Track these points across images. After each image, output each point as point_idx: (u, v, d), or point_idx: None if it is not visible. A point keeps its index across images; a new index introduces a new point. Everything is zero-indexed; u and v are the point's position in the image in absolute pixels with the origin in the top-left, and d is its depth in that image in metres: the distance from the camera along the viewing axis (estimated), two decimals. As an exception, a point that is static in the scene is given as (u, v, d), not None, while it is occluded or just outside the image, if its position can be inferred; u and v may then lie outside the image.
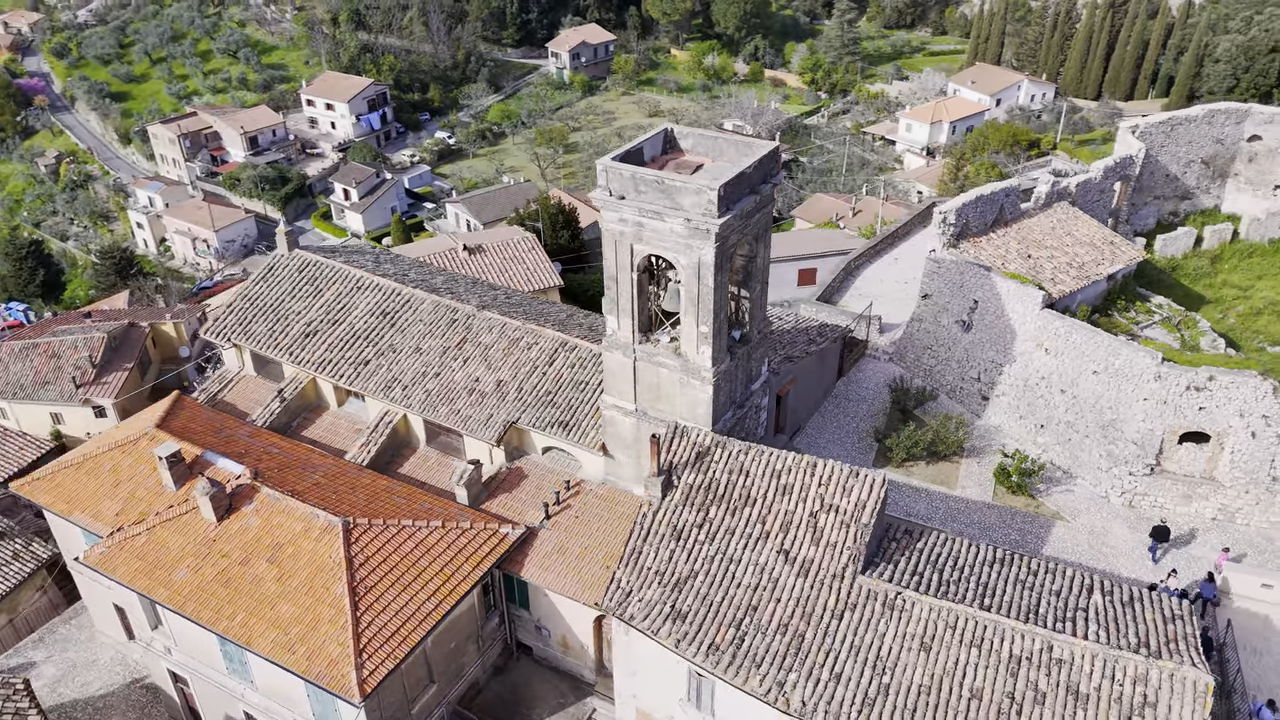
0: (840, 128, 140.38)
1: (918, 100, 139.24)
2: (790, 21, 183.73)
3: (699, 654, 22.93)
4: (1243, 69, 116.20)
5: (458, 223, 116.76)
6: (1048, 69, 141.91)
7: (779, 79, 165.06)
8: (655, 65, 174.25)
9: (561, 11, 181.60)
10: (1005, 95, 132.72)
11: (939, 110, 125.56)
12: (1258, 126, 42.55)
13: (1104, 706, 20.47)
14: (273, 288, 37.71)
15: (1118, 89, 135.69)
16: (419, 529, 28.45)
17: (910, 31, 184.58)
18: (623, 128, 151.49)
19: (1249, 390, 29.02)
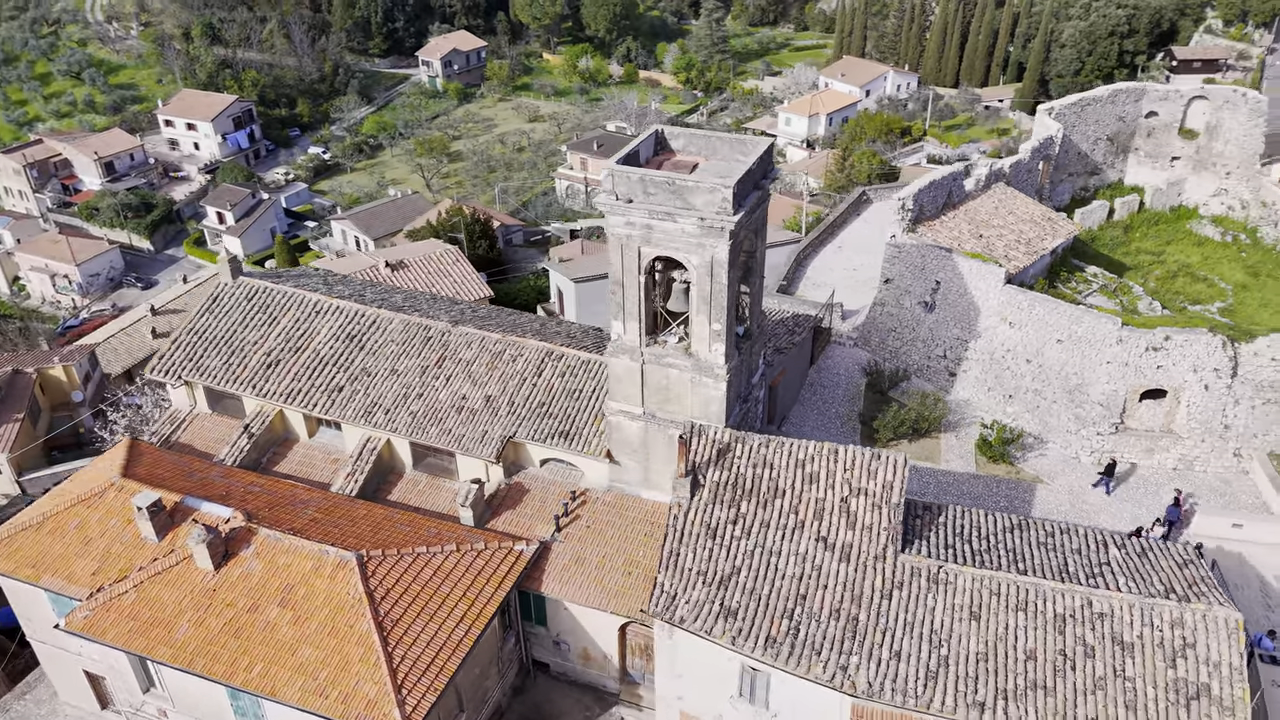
0: (721, 125, 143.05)
1: (792, 95, 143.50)
2: (659, 22, 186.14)
3: (757, 648, 23.13)
4: (1086, 53, 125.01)
5: (344, 240, 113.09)
6: (909, 60, 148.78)
7: (654, 79, 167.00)
8: (529, 70, 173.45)
9: (428, 19, 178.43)
10: (874, 86, 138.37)
11: (815, 103, 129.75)
12: (1154, 103, 45.99)
13: (1149, 653, 21.81)
14: (221, 319, 35.70)
15: (973, 76, 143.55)
16: (434, 555, 27.57)
17: (774, 28, 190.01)
18: (504, 134, 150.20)
19: (1201, 347, 31.45)
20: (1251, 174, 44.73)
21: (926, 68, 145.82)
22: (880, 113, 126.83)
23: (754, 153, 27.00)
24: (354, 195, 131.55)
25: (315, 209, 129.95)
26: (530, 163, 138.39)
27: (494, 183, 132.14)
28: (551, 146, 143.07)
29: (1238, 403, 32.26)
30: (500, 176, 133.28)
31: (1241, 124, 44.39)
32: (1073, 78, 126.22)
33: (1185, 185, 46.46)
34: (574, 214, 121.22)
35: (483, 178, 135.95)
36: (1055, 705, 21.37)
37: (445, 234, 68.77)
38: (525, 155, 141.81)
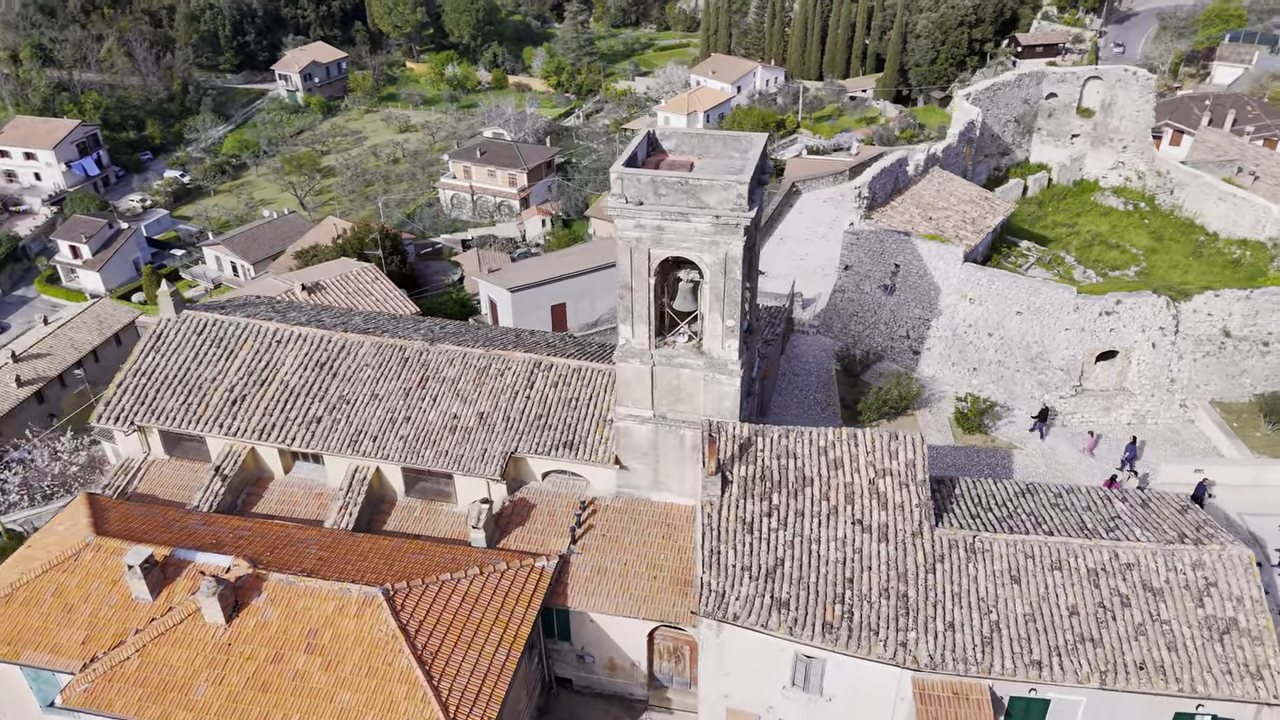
0: (599, 126, 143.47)
1: (666, 94, 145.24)
2: (522, 27, 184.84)
3: (815, 636, 23.48)
4: (940, 42, 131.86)
5: (219, 266, 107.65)
6: (774, 55, 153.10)
7: (524, 84, 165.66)
8: (394, 80, 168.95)
9: (281, 32, 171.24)
10: (744, 82, 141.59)
11: (692, 101, 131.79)
12: (1053, 85, 49.12)
13: (1177, 595, 23.39)
14: (169, 357, 33.43)
15: (836, 68, 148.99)
16: (459, 581, 26.71)
17: (637, 29, 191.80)
18: (376, 146, 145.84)
19: (1148, 308, 33.88)
20: (1145, 147, 48.48)
21: (791, 62, 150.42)
22: (754, 108, 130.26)
23: (751, 148, 27.36)
24: (222, 219, 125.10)
25: (181, 236, 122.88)
26: (409, 174, 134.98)
27: (372, 196, 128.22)
28: (428, 156, 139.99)
29: (1181, 358, 34.97)
30: (379, 190, 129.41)
31: (1134, 101, 48.02)
32: (929, 66, 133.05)
33: (1086, 160, 49.88)
34: (463, 224, 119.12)
35: (360, 192, 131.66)
36: (1105, 655, 22.63)
37: (354, 252, 66.29)
38: (402, 167, 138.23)
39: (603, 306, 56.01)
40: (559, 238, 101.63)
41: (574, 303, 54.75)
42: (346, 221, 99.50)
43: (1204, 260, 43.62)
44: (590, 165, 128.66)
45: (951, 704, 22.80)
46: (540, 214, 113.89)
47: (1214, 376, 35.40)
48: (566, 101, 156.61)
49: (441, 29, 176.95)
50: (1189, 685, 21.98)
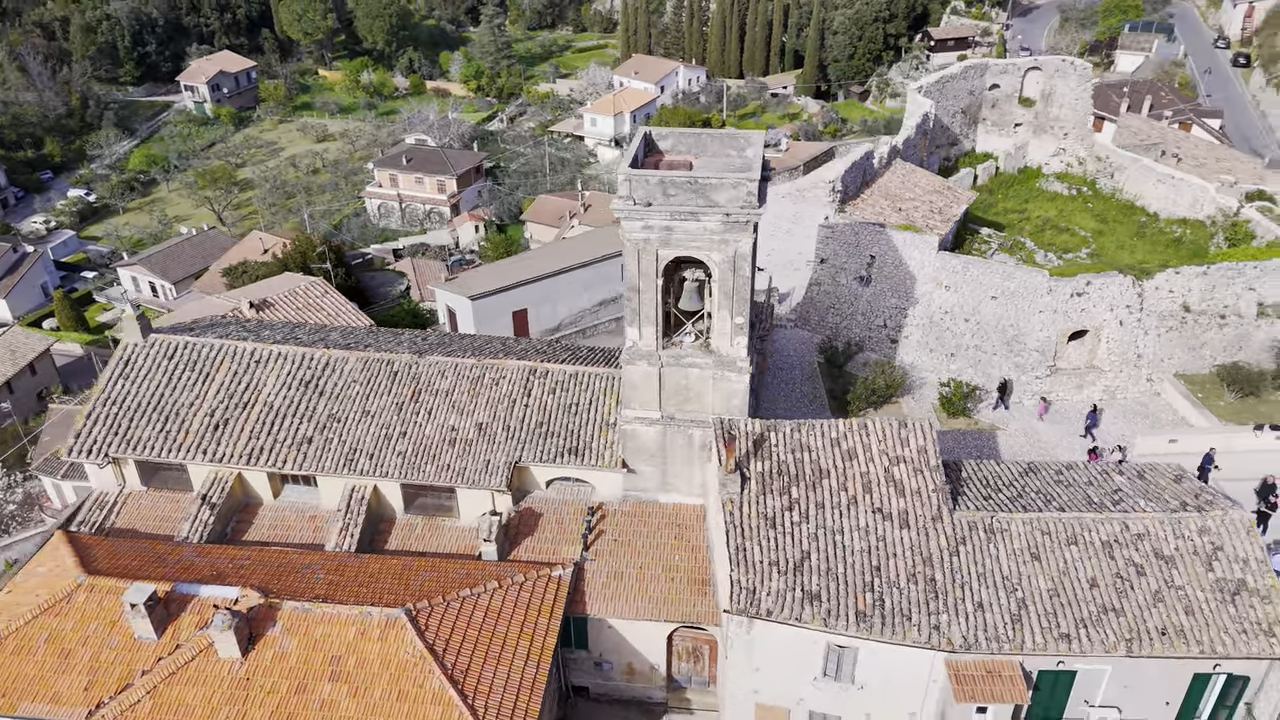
0: (525, 130, 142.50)
1: (591, 96, 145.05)
2: (437, 31, 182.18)
3: (850, 625, 23.75)
4: (856, 38, 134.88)
5: (137, 287, 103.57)
6: (694, 54, 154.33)
7: (443, 89, 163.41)
8: (307, 89, 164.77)
9: (184, 41, 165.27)
10: (667, 82, 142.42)
11: (618, 102, 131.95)
12: (995, 77, 50.74)
13: (1188, 561, 24.40)
14: (140, 383, 31.92)
15: (755, 66, 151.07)
16: (479, 596, 26.19)
17: (553, 31, 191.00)
18: (294, 156, 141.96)
19: (1115, 287, 35.27)
20: (1085, 134, 50.48)
21: (712, 61, 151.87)
22: (679, 107, 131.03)
23: (748, 146, 27.52)
24: (135, 238, 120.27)
25: (91, 257, 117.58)
26: (331, 184, 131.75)
27: (295, 208, 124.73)
28: (350, 165, 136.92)
29: (1146, 334, 36.51)
30: (302, 201, 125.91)
31: (1072, 90, 49.93)
32: (847, 62, 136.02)
33: (1029, 148, 51.66)
34: (392, 233, 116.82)
35: (281, 205, 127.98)
36: (1128, 623, 23.47)
37: (296, 266, 64.31)
38: (324, 177, 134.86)
39: (564, 311, 55.61)
40: (494, 243, 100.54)
41: (535, 308, 54.17)
42: (274, 236, 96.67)
43: (1148, 240, 45.66)
44: (520, 169, 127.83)
45: (986, 682, 23.33)
46: (473, 220, 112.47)
47: (1177, 350, 37.10)
48: (488, 106, 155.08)
49: (354, 35, 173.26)
50: (1209, 646, 22.97)
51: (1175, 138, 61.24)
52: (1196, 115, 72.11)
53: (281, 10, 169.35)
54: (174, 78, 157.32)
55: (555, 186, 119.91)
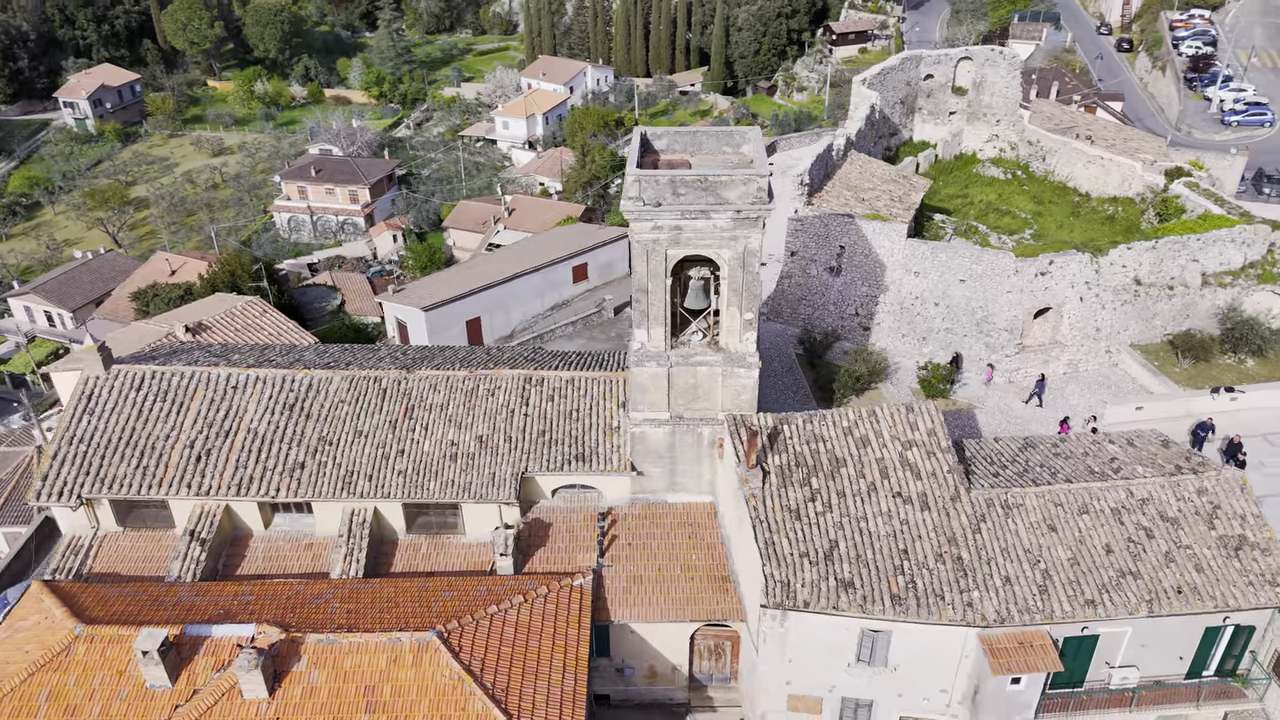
0: (434, 135, 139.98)
1: (499, 99, 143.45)
2: (331, 38, 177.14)
3: (886, 609, 24.16)
4: (761, 34, 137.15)
5: (30, 317, 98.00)
6: (600, 54, 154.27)
7: (343, 97, 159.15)
8: (197, 100, 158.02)
9: (59, 55, 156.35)
10: (575, 82, 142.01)
11: (529, 104, 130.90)
12: (929, 67, 52.31)
13: (1191, 521, 25.66)
14: (108, 418, 30.15)
15: (662, 64, 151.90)
16: (506, 611, 25.63)
17: (452, 34, 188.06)
18: (191, 172, 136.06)
19: (1076, 265, 36.81)
20: (1015, 119, 52.54)
21: (618, 60, 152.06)
22: (591, 107, 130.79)
23: (745, 141, 27.67)
24: (22, 265, 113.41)
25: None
26: (235, 200, 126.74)
27: (198, 226, 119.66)
28: (253, 179, 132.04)
29: (1103, 308, 38.24)
30: (204, 219, 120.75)
31: (1002, 78, 51.89)
32: (753, 57, 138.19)
33: (964, 135, 53.45)
34: (306, 247, 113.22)
35: (182, 223, 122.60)
36: (1145, 585, 24.54)
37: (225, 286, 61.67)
38: (225, 192, 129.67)
39: (518, 317, 54.88)
40: (416, 252, 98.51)
41: (488, 316, 53.30)
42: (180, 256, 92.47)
43: (1083, 219, 47.85)
44: (433, 175, 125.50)
45: (1020, 653, 24.04)
46: (390, 229, 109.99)
47: (1131, 322, 39.00)
48: (393, 112, 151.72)
49: (244, 44, 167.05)
50: (1221, 600, 24.22)
51: (1085, 121, 64.15)
52: (1100, 99, 75.98)
53: (164, 20, 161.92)
54: (51, 94, 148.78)
55: (472, 191, 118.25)
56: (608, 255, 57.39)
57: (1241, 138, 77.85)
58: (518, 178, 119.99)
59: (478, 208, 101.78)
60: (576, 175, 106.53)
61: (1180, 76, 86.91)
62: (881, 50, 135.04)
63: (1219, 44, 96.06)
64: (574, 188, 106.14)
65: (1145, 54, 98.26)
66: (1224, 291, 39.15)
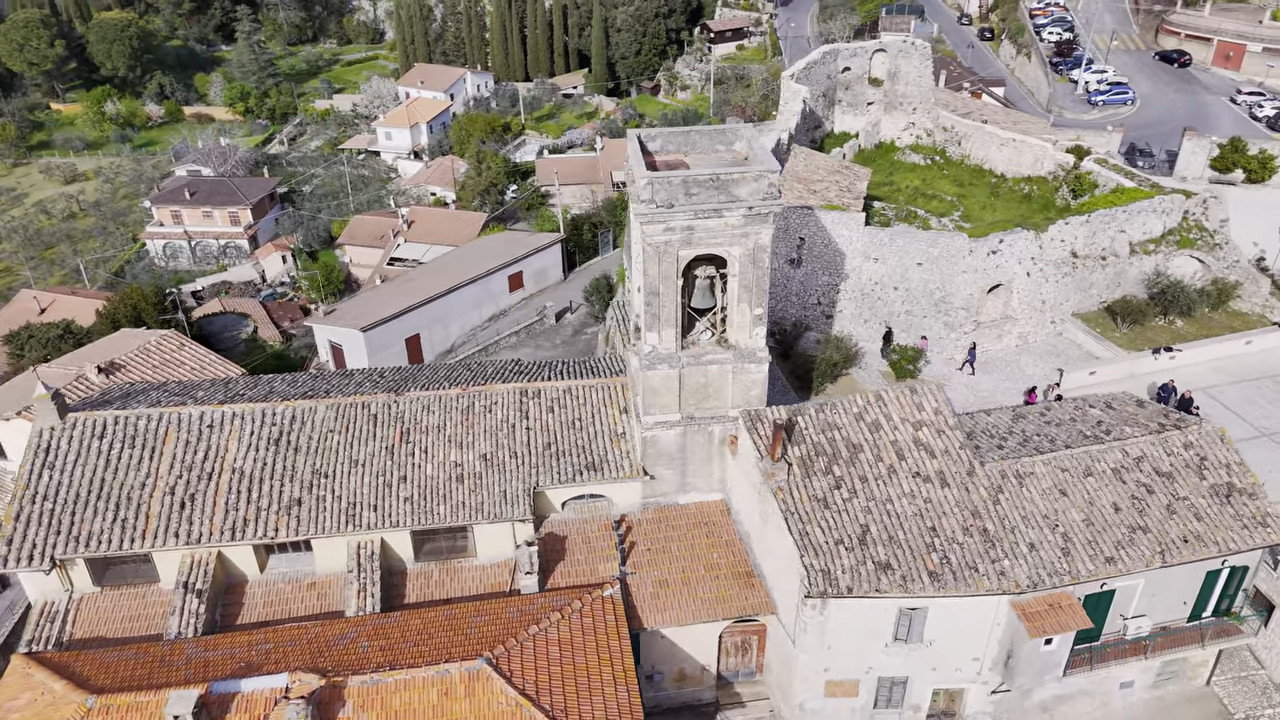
0: (311, 150, 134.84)
1: (376, 109, 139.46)
2: (185, 53, 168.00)
3: (925, 587, 24.80)
4: (641, 34, 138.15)
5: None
6: (478, 60, 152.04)
7: (205, 114, 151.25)
8: (41, 125, 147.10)
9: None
10: (456, 89, 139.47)
11: (411, 114, 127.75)
12: (846, 60, 53.90)
13: (1184, 475, 27.36)
14: (73, 471, 27.90)
15: (541, 68, 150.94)
16: (546, 630, 25.03)
17: (316, 45, 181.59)
18: (44, 201, 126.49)
19: (1022, 242, 38.65)
20: (930, 107, 54.72)
21: (496, 65, 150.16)
22: (477, 114, 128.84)
23: (740, 138, 27.84)
24: None
25: None
26: (99, 229, 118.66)
27: (61, 259, 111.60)
28: (116, 206, 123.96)
29: (1047, 281, 40.32)
30: (66, 251, 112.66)
31: (915, 68, 53.96)
32: (635, 58, 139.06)
33: (882, 125, 55.29)
34: (187, 274, 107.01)
35: (41, 256, 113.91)
36: (1154, 538, 26.02)
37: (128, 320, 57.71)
38: (86, 221, 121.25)
39: (457, 331, 53.60)
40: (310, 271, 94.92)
41: (427, 331, 51.85)
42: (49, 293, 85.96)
43: (1002, 199, 50.31)
44: (317, 191, 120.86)
45: (1051, 614, 25.11)
46: (278, 250, 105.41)
47: (1071, 293, 41.27)
48: (262, 128, 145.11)
49: (89, 62, 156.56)
50: (1223, 545, 25.94)
51: (977, 106, 67.43)
52: (984, 85, 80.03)
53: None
54: None
55: (361, 205, 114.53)
56: (541, 262, 56.80)
57: (1107, 116, 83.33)
58: (408, 189, 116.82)
59: (373, 222, 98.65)
60: (474, 183, 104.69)
61: (1046, 61, 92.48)
62: (758, 47, 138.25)
63: (1075, 29, 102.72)
64: (471, 195, 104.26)
65: (1009, 42, 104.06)
66: (1149, 259, 42.01)
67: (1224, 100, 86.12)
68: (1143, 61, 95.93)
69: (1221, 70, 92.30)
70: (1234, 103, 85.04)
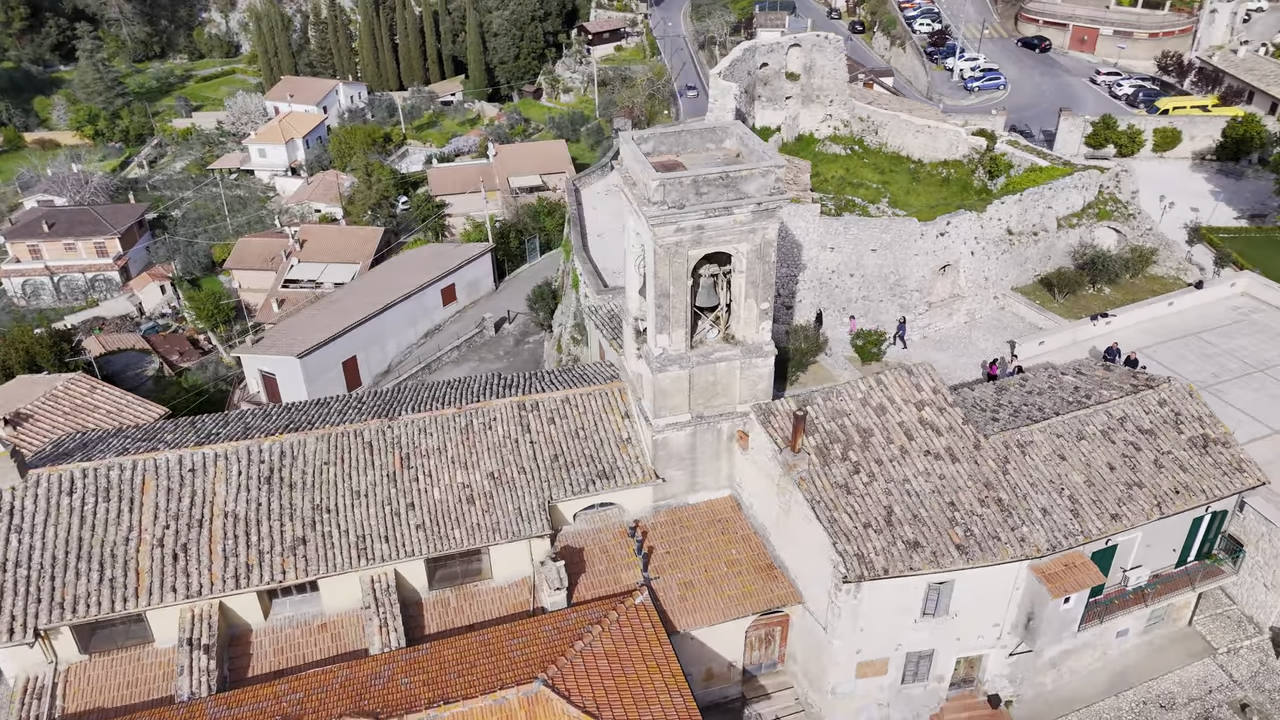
0: (176, 172, 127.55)
1: (244, 125, 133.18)
2: (20, 74, 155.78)
3: (955, 560, 25.58)
4: (518, 38, 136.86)
5: None
6: (349, 71, 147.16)
7: (49, 140, 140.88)
8: None
9: None
10: (328, 102, 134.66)
11: (285, 129, 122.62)
12: (764, 56, 54.86)
13: (1164, 429, 29.13)
14: (45, 533, 25.73)
15: (415, 76, 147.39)
16: (590, 644, 24.53)
17: (165, 61, 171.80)
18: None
19: (966, 223, 40.27)
20: (845, 99, 56.30)
21: (368, 75, 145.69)
22: (355, 125, 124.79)
23: (729, 136, 27.96)
24: None
25: None
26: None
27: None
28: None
29: (989, 259, 42.16)
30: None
31: (829, 61, 55.41)
32: (514, 62, 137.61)
33: (800, 118, 56.52)
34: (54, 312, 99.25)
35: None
36: (1149, 492, 27.61)
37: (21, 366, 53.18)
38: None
39: (393, 350, 51.77)
40: (196, 300, 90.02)
41: (364, 353, 49.85)
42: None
43: (923, 183, 52.32)
44: (191, 215, 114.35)
45: (1069, 574, 26.31)
46: (155, 279, 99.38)
47: (1010, 269, 43.32)
48: (117, 152, 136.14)
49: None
50: (1210, 493, 27.79)
51: (874, 96, 69.91)
52: (874, 76, 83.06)
53: None
54: None
55: (241, 227, 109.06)
56: (473, 273, 55.53)
57: (984, 101, 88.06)
58: (290, 207, 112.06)
59: (261, 244, 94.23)
60: (364, 196, 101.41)
61: (921, 51, 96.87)
62: (636, 47, 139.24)
63: (943, 20, 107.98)
64: (362, 210, 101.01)
65: (882, 34, 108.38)
66: (1074, 231, 44.57)
67: (1085, 81, 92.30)
68: (1008, 48, 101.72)
69: (1078, 53, 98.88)
70: (1094, 83, 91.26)
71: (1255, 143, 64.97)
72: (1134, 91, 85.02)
